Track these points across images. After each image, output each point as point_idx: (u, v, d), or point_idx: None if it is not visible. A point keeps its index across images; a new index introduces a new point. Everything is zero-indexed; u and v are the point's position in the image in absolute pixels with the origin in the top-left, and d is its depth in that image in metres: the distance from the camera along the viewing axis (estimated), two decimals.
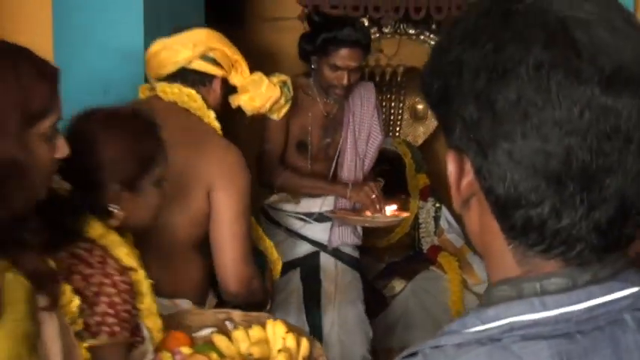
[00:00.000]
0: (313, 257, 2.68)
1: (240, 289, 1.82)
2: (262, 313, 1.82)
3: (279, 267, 2.07)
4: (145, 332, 1.46)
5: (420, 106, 3.58)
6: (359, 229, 2.74)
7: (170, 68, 1.80)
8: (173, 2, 2.38)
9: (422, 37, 3.59)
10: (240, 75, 1.87)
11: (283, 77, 2.07)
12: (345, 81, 2.48)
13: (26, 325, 1.09)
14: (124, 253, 1.38)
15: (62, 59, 1.73)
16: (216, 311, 1.81)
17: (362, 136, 2.68)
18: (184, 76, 1.79)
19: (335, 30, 2.47)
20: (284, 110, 2.16)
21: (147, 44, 1.92)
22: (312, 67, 2.58)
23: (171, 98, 1.79)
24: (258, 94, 1.94)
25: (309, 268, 2.67)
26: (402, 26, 3.56)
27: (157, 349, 1.54)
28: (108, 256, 1.35)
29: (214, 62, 1.82)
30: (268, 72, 2.05)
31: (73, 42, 2.05)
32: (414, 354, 0.57)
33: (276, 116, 2.23)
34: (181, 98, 1.78)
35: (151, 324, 1.47)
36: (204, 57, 1.80)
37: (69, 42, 2.05)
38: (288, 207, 2.67)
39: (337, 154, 2.67)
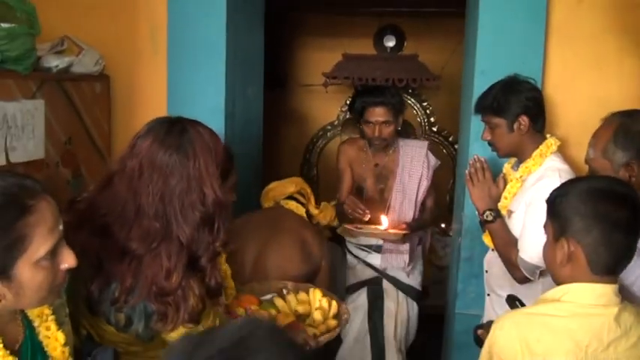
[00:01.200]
0: (377, 280, 3.21)
1: None
2: (308, 284, 2.44)
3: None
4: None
5: None
6: (405, 256, 3.14)
7: (285, 193, 3.01)
8: (245, 73, 3.28)
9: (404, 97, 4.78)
10: (313, 205, 3.04)
11: (333, 202, 3.21)
12: (377, 133, 3.05)
13: None
14: None
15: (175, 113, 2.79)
16: (276, 282, 2.47)
17: (411, 185, 3.11)
18: (293, 199, 2.99)
19: (365, 95, 3.14)
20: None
21: (227, 105, 3.01)
22: (360, 126, 3.20)
23: (290, 207, 2.95)
24: (327, 214, 3.09)
25: (374, 288, 3.20)
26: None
27: (234, 306, 2.07)
28: None
29: (304, 197, 3.01)
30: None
31: (182, 102, 3.02)
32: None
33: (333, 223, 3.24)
34: (296, 209, 2.95)
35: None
36: (299, 192, 3.02)
37: (178, 105, 3.01)
38: (354, 241, 3.27)
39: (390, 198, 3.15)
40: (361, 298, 3.19)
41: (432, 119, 5.35)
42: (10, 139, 2.33)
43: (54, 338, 1.33)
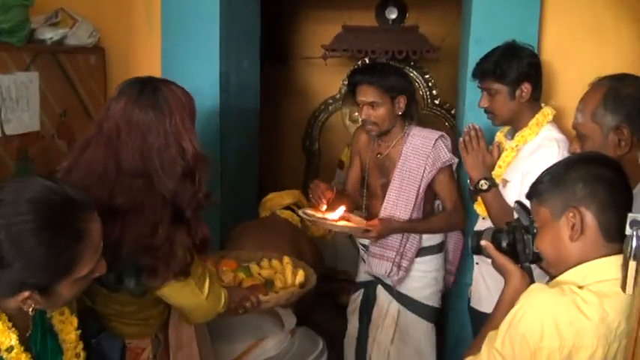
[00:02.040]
0: (372, 284, 2.81)
1: None
2: (302, 262, 2.52)
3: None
4: None
5: None
6: (387, 263, 2.64)
7: (282, 204, 3.26)
8: (240, 46, 3.28)
9: (405, 69, 4.74)
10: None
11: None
12: (364, 115, 2.59)
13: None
14: None
15: None
16: (265, 252, 2.59)
17: (410, 182, 2.59)
18: (289, 209, 3.20)
19: (355, 73, 2.73)
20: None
21: (221, 78, 3.00)
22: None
23: (286, 217, 3.18)
24: (318, 229, 3.26)
25: (368, 292, 2.84)
26: (391, 63, 4.71)
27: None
28: None
29: (299, 208, 3.08)
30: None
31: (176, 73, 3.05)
32: None
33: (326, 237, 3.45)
34: (291, 218, 3.19)
35: None
36: (296, 204, 3.28)
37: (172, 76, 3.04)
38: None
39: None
40: (358, 301, 2.93)
41: (434, 92, 5.31)
42: (5, 112, 2.35)
43: (68, 322, 1.38)
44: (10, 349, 1.21)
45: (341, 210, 2.58)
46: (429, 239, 2.69)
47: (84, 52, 2.83)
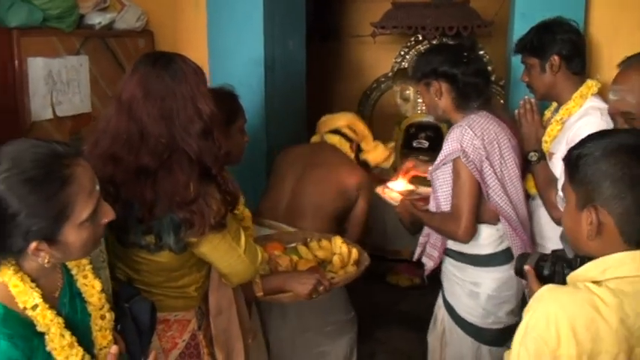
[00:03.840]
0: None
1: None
2: (332, 234, 2.52)
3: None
4: None
5: None
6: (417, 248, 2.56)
7: (332, 127, 2.90)
8: (285, 25, 3.31)
9: None
10: (366, 144, 2.92)
11: (391, 144, 3.11)
12: None
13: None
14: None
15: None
16: (302, 232, 2.56)
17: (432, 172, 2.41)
18: (339, 133, 2.88)
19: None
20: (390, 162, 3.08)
21: (266, 57, 3.04)
22: None
23: (333, 142, 2.85)
24: (377, 155, 2.98)
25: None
26: (442, 39, 4.63)
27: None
28: None
29: (354, 132, 2.90)
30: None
31: (222, 54, 3.14)
32: None
33: (385, 165, 3.09)
34: (339, 143, 2.85)
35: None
36: (349, 127, 2.89)
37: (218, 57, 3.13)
38: None
39: None
40: None
41: (489, 68, 5.20)
42: (56, 94, 2.47)
43: (91, 286, 1.44)
44: (34, 307, 1.27)
45: (401, 183, 2.74)
46: (456, 244, 2.39)
47: (132, 36, 2.92)
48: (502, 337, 2.37)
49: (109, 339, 1.45)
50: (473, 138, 2.22)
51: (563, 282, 1.40)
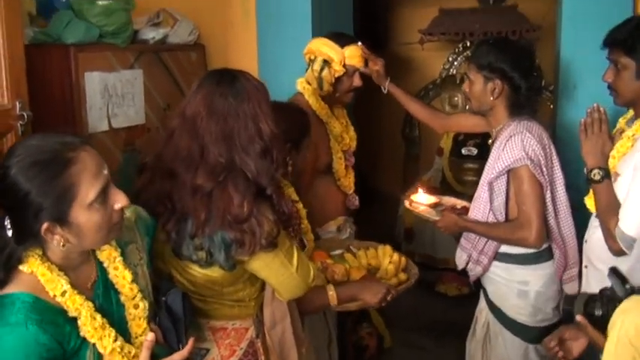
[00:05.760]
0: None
1: None
2: (370, 242, 2.57)
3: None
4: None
5: None
6: (463, 255, 2.54)
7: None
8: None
9: None
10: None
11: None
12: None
13: None
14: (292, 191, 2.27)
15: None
16: (341, 241, 2.65)
17: (484, 180, 2.41)
18: None
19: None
20: None
21: None
22: None
23: None
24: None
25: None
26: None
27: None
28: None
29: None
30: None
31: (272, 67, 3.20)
32: None
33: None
34: None
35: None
36: None
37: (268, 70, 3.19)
38: None
39: None
40: None
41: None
42: (112, 107, 2.57)
43: (122, 277, 1.50)
44: (64, 293, 1.34)
45: (424, 196, 2.72)
46: (505, 246, 2.40)
47: (185, 50, 3.02)
48: (547, 335, 2.28)
49: (144, 327, 1.50)
50: (535, 144, 2.24)
51: None
